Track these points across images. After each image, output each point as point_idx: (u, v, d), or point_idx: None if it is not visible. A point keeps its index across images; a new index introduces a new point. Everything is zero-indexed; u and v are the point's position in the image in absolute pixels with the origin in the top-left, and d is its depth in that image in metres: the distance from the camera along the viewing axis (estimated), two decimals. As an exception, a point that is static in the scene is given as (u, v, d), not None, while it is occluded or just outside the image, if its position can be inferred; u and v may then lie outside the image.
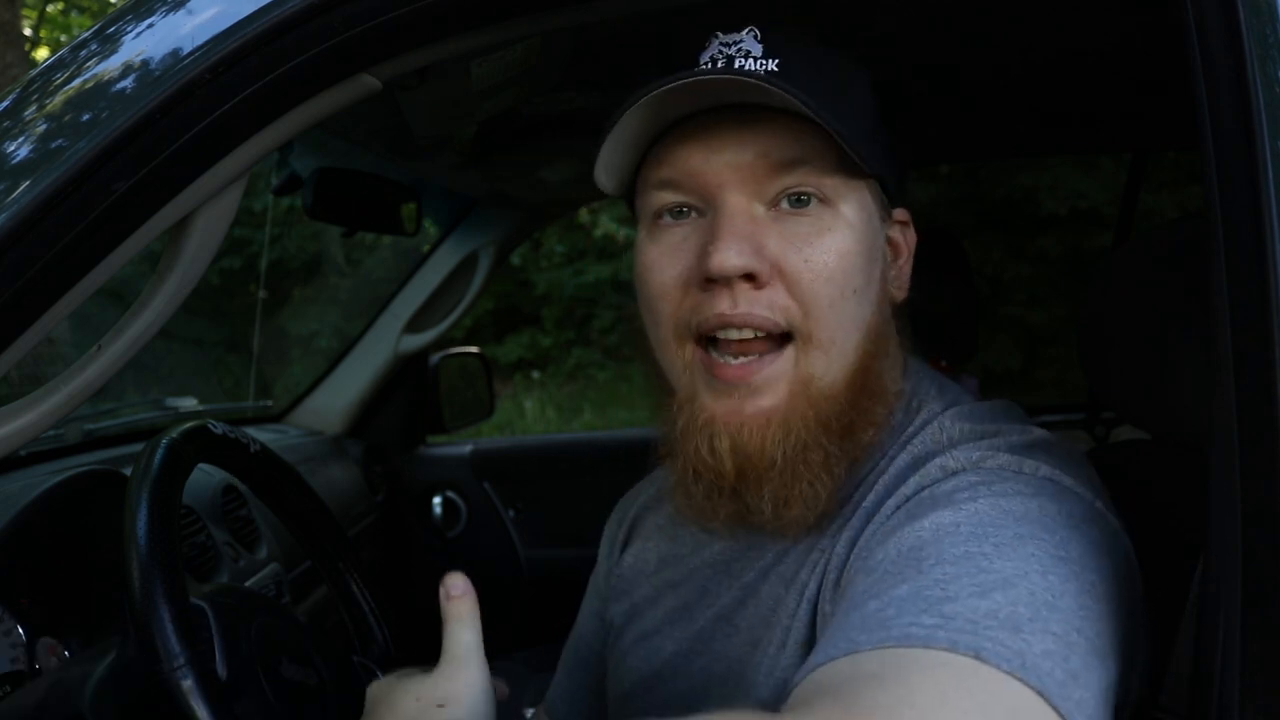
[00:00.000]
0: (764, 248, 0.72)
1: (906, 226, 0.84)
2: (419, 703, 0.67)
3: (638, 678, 0.89)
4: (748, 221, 0.73)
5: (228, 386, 4.15)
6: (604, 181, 0.80)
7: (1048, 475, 0.70)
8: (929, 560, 0.61)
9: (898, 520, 0.70)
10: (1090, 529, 0.66)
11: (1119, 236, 2.35)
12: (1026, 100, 1.60)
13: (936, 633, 0.55)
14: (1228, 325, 0.57)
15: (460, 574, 0.71)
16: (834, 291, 0.73)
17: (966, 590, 0.58)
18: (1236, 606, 0.56)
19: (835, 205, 0.75)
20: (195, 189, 0.74)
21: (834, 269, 0.73)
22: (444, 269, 2.17)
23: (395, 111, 1.18)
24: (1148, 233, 0.90)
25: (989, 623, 0.56)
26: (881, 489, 0.75)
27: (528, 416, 7.31)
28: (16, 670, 0.95)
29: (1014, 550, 0.61)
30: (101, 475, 1.18)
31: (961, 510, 0.65)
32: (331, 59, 0.73)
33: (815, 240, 0.73)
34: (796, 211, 0.74)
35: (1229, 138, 0.58)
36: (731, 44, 0.75)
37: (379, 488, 2.24)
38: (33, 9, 8.13)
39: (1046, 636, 0.56)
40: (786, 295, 0.73)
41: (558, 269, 8.09)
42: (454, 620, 0.70)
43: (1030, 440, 0.75)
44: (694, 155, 0.74)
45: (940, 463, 0.72)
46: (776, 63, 0.73)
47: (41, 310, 0.71)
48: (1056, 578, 0.60)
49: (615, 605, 0.96)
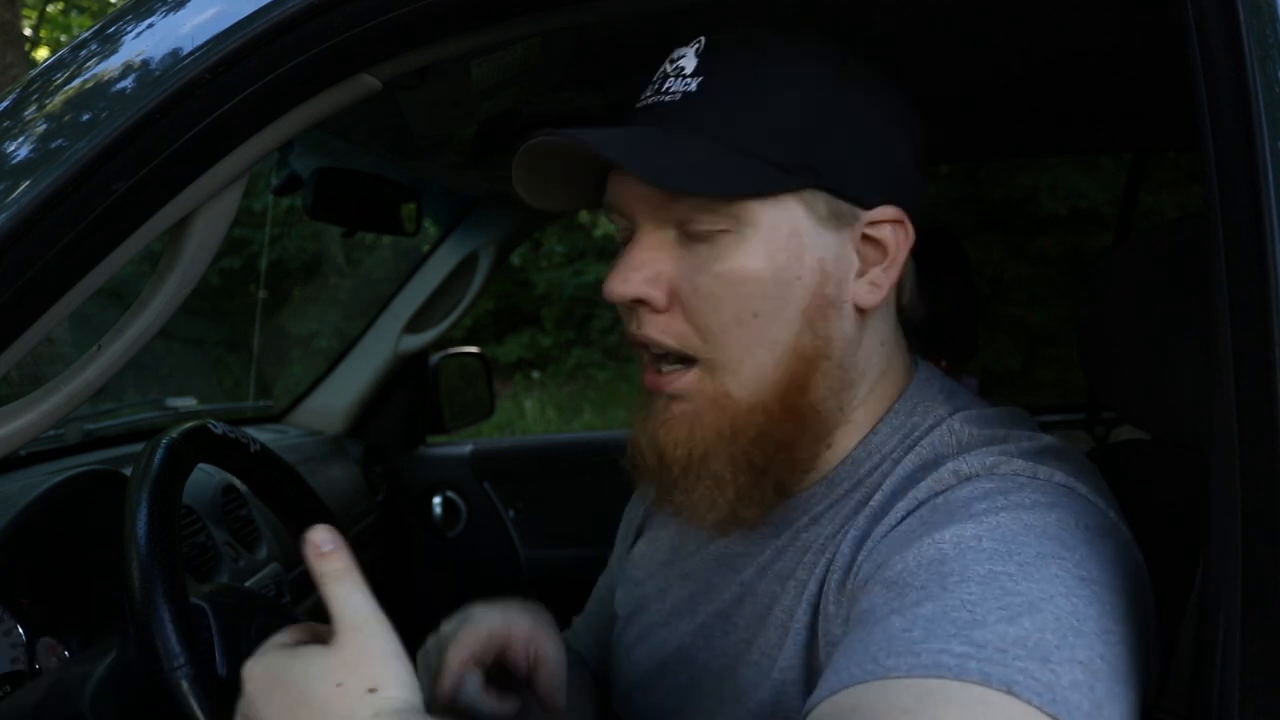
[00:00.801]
0: (660, 275, 0.75)
1: (897, 225, 0.76)
2: (341, 689, 0.57)
3: (643, 669, 0.89)
4: (650, 249, 0.76)
5: (228, 386, 4.15)
6: (559, 204, 0.85)
7: (1062, 482, 0.70)
8: (953, 577, 0.61)
9: (912, 526, 0.69)
10: (1106, 543, 0.66)
11: (1119, 236, 2.35)
12: (1026, 100, 1.60)
13: (968, 663, 0.55)
14: (1228, 325, 0.57)
15: (324, 526, 0.62)
16: (726, 318, 0.74)
17: (994, 615, 0.58)
18: (1236, 606, 0.56)
19: (738, 229, 0.73)
20: (195, 189, 0.74)
21: (723, 296, 0.73)
22: (444, 269, 2.17)
23: (395, 111, 1.18)
24: (1148, 233, 0.90)
25: (1018, 652, 0.56)
26: (889, 490, 0.75)
27: (528, 416, 7.31)
28: (16, 670, 0.95)
29: (1038, 570, 0.61)
30: (101, 475, 1.18)
31: (983, 524, 0.65)
32: (331, 59, 0.73)
33: (707, 267, 0.74)
34: (698, 237, 0.74)
35: (1229, 138, 0.58)
36: (676, 58, 0.76)
37: (379, 488, 2.24)
38: (33, 9, 8.13)
39: (1075, 667, 0.56)
40: (683, 321, 0.75)
41: (558, 269, 8.10)
42: (333, 581, 0.60)
43: (1041, 446, 0.74)
44: (614, 185, 0.78)
45: (953, 467, 0.72)
46: (699, 81, 0.74)
47: (41, 310, 0.71)
48: (1080, 600, 0.60)
49: (621, 590, 0.97)
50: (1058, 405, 2.81)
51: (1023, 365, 6.01)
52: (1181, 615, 0.74)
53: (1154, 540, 0.74)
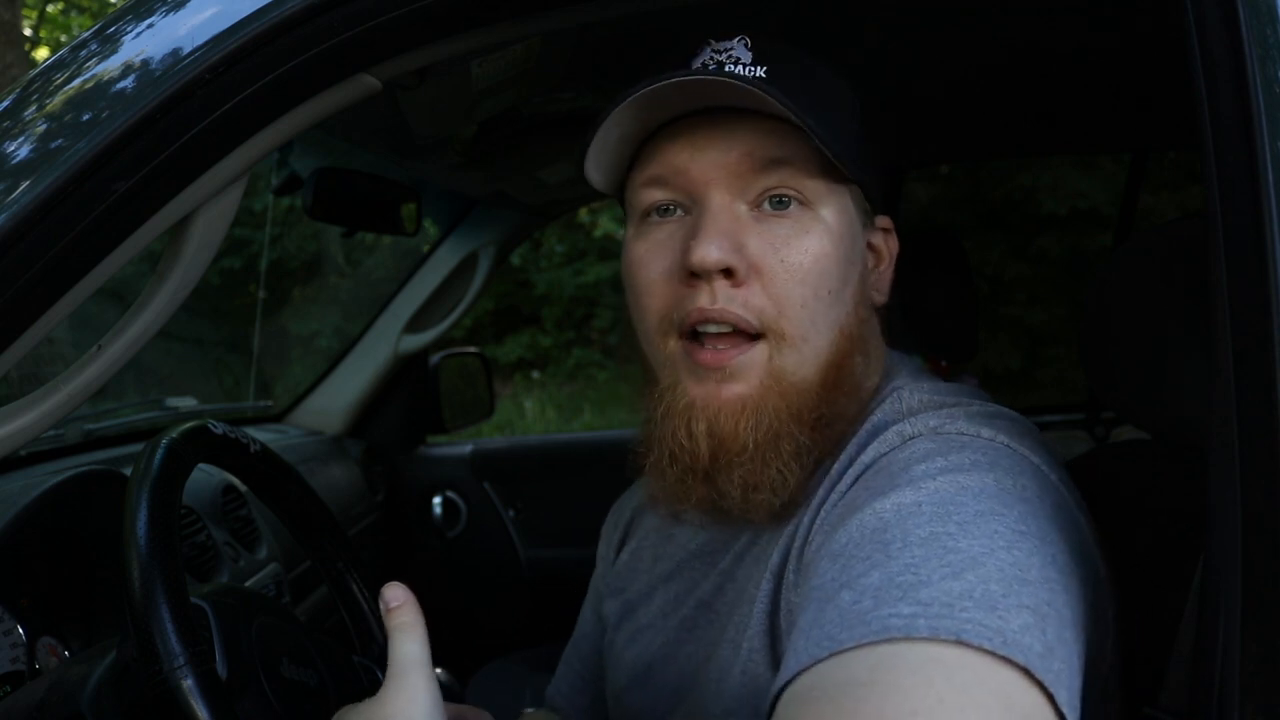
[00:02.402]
0: (744, 246, 0.75)
1: (889, 233, 0.86)
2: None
3: (632, 671, 0.90)
4: (730, 219, 0.75)
5: (228, 386, 4.15)
6: (595, 177, 0.82)
7: (1005, 443, 0.71)
8: (895, 544, 0.62)
9: (858, 493, 0.70)
10: (1044, 501, 0.67)
11: (1119, 236, 2.35)
12: (1027, 100, 1.60)
13: (916, 622, 0.55)
14: (1228, 325, 0.57)
15: (399, 584, 0.70)
16: (807, 292, 0.75)
17: (938, 573, 0.58)
18: (1236, 606, 0.56)
19: (815, 208, 0.77)
20: (195, 189, 0.74)
21: (808, 270, 0.75)
22: (444, 269, 2.17)
23: (395, 111, 1.18)
24: (1148, 233, 0.90)
25: (965, 604, 0.56)
26: (844, 459, 0.77)
27: (528, 416, 7.31)
28: (16, 670, 0.95)
29: (978, 528, 0.61)
30: (101, 475, 1.18)
31: (922, 489, 0.66)
32: (331, 59, 0.73)
33: (793, 242, 0.75)
34: (777, 213, 0.76)
35: (1229, 138, 0.58)
36: (722, 50, 0.77)
37: (379, 488, 2.24)
38: (33, 9, 8.13)
39: (1023, 612, 0.56)
40: (762, 294, 0.75)
41: (558, 269, 8.10)
42: (396, 631, 0.68)
43: (989, 411, 0.76)
44: (681, 153, 0.77)
45: (898, 429, 0.74)
46: (764, 69, 0.76)
47: (41, 310, 0.71)
48: (1021, 552, 0.60)
49: (610, 601, 0.97)
50: (1058, 405, 2.81)
51: (1023, 365, 6.00)
52: (1181, 615, 0.74)
53: (1154, 540, 0.74)
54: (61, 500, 1.09)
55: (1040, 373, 6.00)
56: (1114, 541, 0.73)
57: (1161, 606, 0.77)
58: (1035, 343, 6.04)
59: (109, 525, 1.08)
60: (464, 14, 0.75)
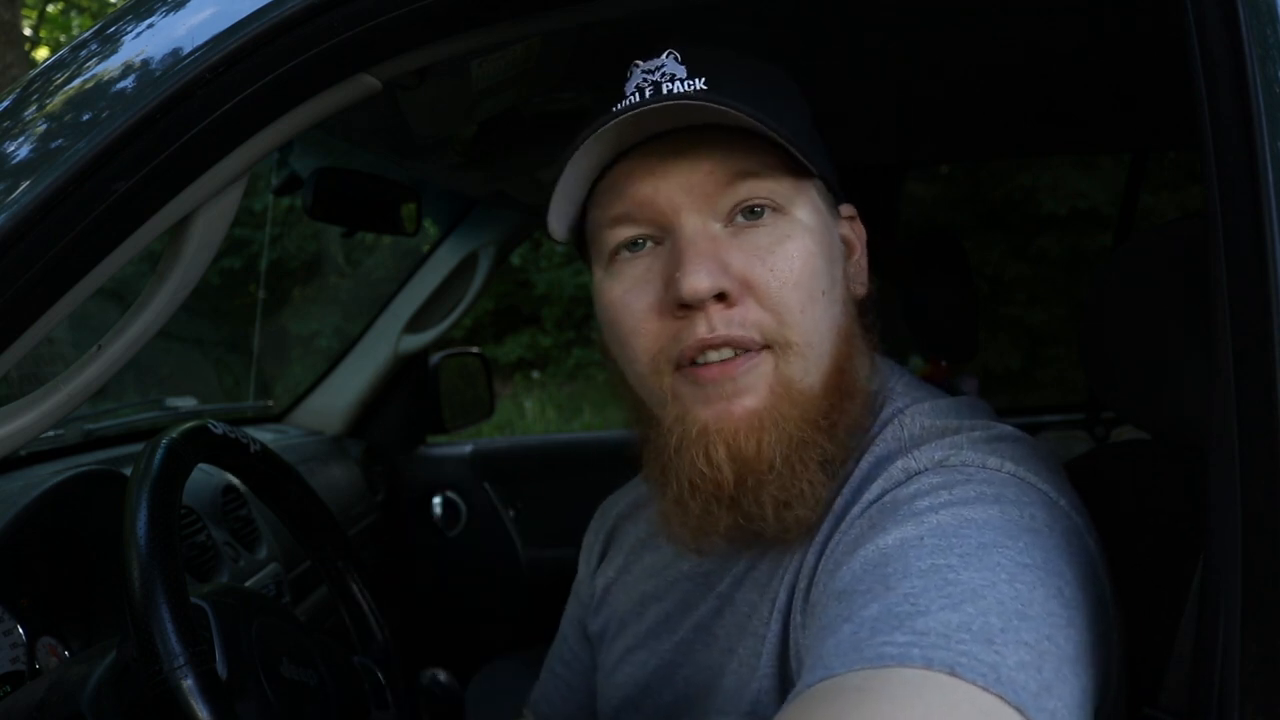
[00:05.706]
0: (729, 265, 0.72)
1: (854, 221, 0.84)
2: None
3: (625, 692, 0.89)
4: (708, 241, 0.73)
5: (228, 386, 4.14)
6: (557, 229, 0.79)
7: (1012, 471, 0.69)
8: (895, 575, 0.61)
9: (861, 529, 0.69)
10: (1053, 530, 0.66)
11: (1119, 236, 2.35)
12: (1026, 100, 1.60)
13: (911, 650, 0.55)
14: (1228, 325, 0.57)
15: None
16: (803, 296, 0.73)
17: (937, 604, 0.57)
18: (1236, 606, 0.56)
19: (789, 211, 0.74)
20: (195, 189, 0.74)
21: (799, 274, 0.73)
22: (444, 269, 2.17)
23: (395, 111, 1.18)
24: (1148, 233, 0.90)
25: (962, 636, 0.55)
26: (849, 493, 0.75)
27: (528, 416, 7.31)
28: (16, 670, 0.95)
29: (980, 560, 0.60)
30: (101, 475, 1.18)
31: (925, 523, 0.64)
32: (331, 59, 0.73)
33: (776, 249, 0.73)
34: (752, 224, 0.74)
35: (1229, 138, 0.58)
36: (654, 70, 0.74)
37: (379, 488, 2.24)
38: (33, 9, 8.13)
39: (1020, 648, 0.55)
40: (758, 308, 0.73)
41: (558, 269, 8.10)
42: None
43: (994, 435, 0.74)
44: (643, 185, 0.74)
45: (903, 465, 0.72)
46: (703, 80, 0.73)
47: (41, 310, 0.71)
48: (1024, 585, 0.59)
49: (596, 618, 0.96)
50: (1058, 405, 2.81)
51: (1023, 365, 6.01)
52: (1181, 615, 0.74)
53: (1154, 540, 0.74)
54: (61, 500, 1.09)
55: (1040, 373, 6.00)
56: (1114, 542, 0.73)
57: (1161, 607, 0.77)
58: (1035, 343, 6.04)
59: (109, 525, 1.08)
60: (464, 14, 0.75)
